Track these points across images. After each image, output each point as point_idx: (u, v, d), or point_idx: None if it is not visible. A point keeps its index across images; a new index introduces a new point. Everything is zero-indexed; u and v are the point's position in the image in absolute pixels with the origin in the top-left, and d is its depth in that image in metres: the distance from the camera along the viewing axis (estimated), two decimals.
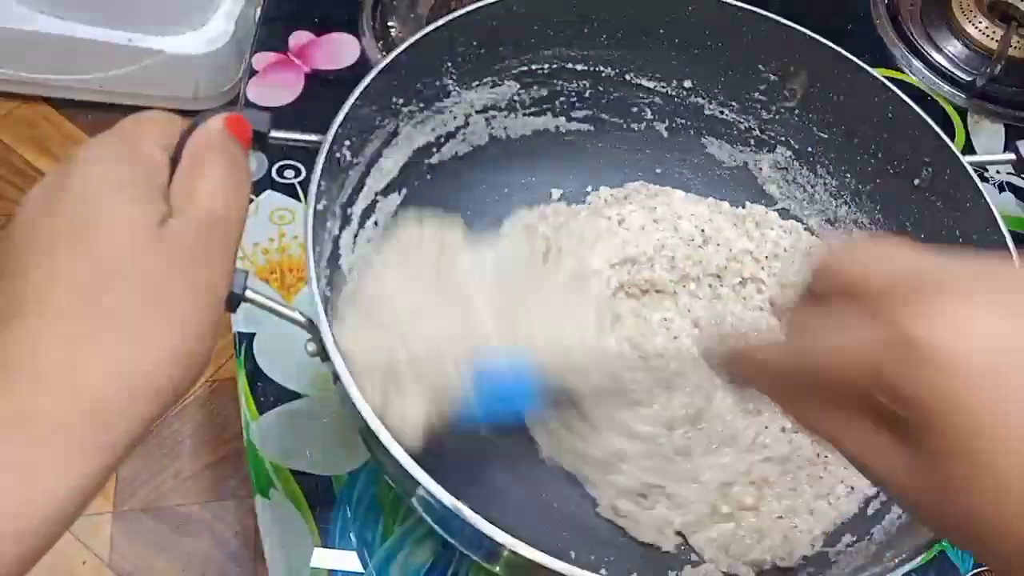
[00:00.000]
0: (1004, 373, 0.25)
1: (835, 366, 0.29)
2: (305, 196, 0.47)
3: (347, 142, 0.51)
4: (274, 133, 0.40)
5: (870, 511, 0.54)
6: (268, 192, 0.67)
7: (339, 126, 0.49)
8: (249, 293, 0.38)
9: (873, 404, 0.28)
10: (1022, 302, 0.26)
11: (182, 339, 0.32)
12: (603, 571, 0.52)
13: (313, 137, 0.48)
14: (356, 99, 0.51)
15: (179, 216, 0.33)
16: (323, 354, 0.43)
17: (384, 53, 0.68)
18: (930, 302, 0.26)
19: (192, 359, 0.32)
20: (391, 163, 0.58)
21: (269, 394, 0.59)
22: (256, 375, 0.60)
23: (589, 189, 0.67)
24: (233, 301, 0.37)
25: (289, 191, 0.67)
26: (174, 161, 0.35)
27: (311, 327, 0.43)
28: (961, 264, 0.28)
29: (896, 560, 0.42)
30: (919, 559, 0.51)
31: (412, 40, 0.54)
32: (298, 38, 0.76)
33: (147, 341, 0.31)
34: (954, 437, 0.26)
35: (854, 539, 0.52)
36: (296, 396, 0.59)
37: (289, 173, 0.68)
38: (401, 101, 0.57)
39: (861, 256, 0.30)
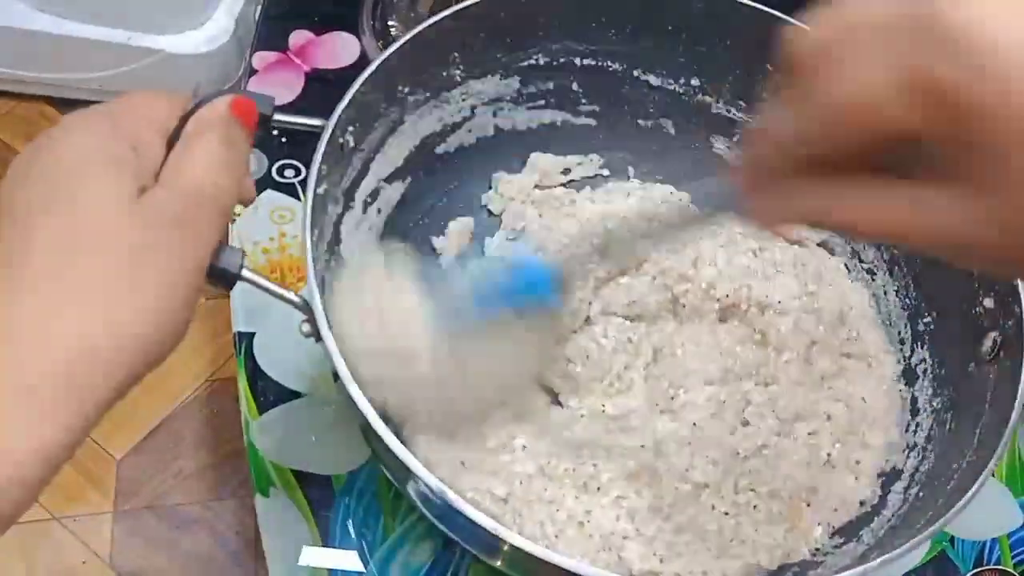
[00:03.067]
0: None
1: (855, 89, 0.24)
2: (307, 184, 0.47)
3: (351, 128, 0.51)
4: (277, 116, 0.41)
5: (860, 513, 0.54)
6: (268, 192, 0.67)
7: (343, 111, 0.49)
8: (245, 272, 0.38)
9: (899, 156, 0.24)
10: None
11: (156, 304, 0.32)
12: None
13: (316, 121, 0.48)
14: (361, 85, 0.51)
15: (162, 187, 0.34)
16: (317, 335, 0.43)
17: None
18: None
19: (165, 326, 0.32)
20: (395, 151, 0.58)
21: (269, 394, 0.59)
22: (256, 375, 0.60)
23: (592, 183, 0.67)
24: (229, 280, 0.37)
25: (289, 190, 0.67)
26: (172, 142, 0.35)
27: (306, 307, 0.43)
28: None
29: (879, 560, 0.42)
30: (917, 557, 0.51)
31: (419, 28, 0.54)
32: (298, 37, 0.76)
33: (120, 303, 0.31)
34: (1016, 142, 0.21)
35: (842, 540, 0.52)
36: (296, 396, 0.59)
37: (289, 172, 0.67)
38: (407, 90, 0.57)
39: None
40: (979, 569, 0.59)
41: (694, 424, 0.54)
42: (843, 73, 0.24)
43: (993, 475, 0.62)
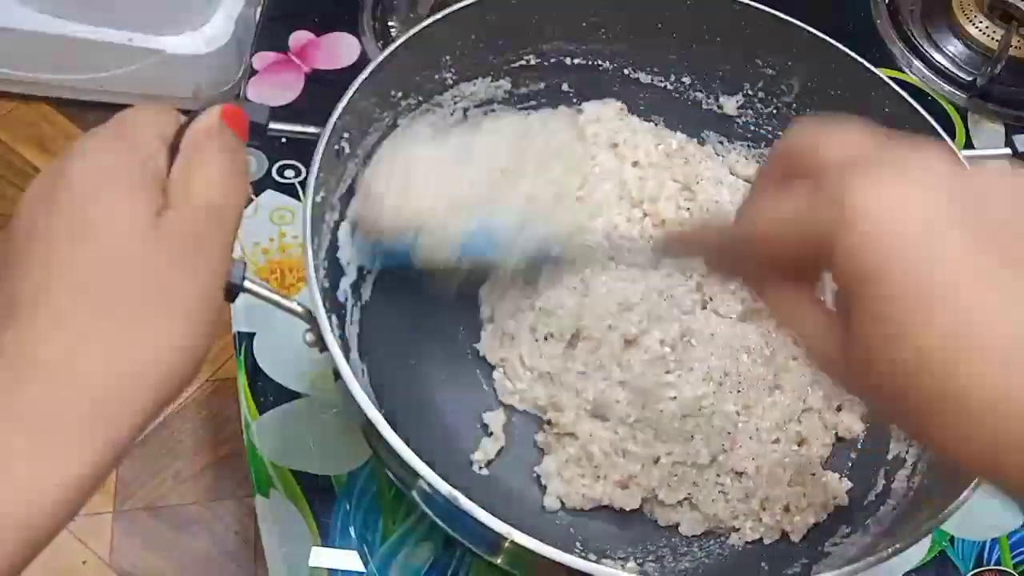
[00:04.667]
0: (923, 244, 0.26)
1: (772, 234, 0.31)
2: (305, 193, 0.47)
3: (346, 134, 0.52)
4: (273, 125, 0.41)
5: (865, 502, 0.54)
6: (268, 192, 0.67)
7: (338, 118, 0.50)
8: (248, 283, 0.38)
9: (809, 275, 0.31)
10: (944, 177, 0.27)
11: (182, 329, 0.32)
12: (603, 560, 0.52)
13: (312, 129, 0.48)
14: (355, 92, 0.51)
15: (176, 207, 0.33)
16: (321, 344, 0.43)
17: None
18: (867, 173, 0.28)
19: (192, 349, 0.33)
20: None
21: (269, 394, 0.59)
22: (256, 375, 0.60)
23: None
24: (232, 291, 0.37)
25: (289, 191, 0.67)
26: (172, 153, 0.35)
27: (309, 317, 0.43)
28: (902, 143, 0.30)
29: (890, 550, 0.42)
30: (917, 557, 0.51)
31: (411, 33, 0.54)
32: (298, 38, 0.76)
33: (147, 332, 0.31)
34: (874, 301, 0.27)
35: (848, 530, 0.53)
36: (296, 396, 0.59)
37: (289, 173, 0.67)
38: (400, 94, 0.57)
39: (812, 137, 0.32)
40: (979, 569, 0.59)
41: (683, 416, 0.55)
42: (767, 208, 0.32)
43: None
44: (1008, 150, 0.58)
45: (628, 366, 0.55)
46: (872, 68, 0.58)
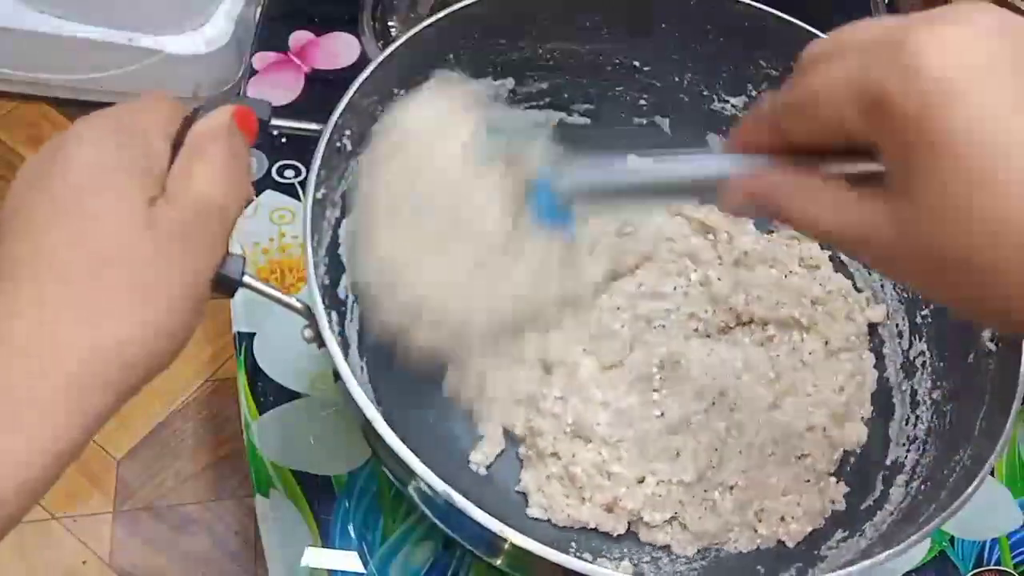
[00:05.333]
0: (989, 87, 0.24)
1: (823, 97, 0.28)
2: (306, 188, 0.47)
3: (347, 132, 0.52)
4: (275, 121, 0.41)
5: (863, 507, 0.54)
6: (268, 192, 0.67)
7: (340, 115, 0.50)
8: (247, 279, 0.38)
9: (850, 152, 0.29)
10: (1009, 22, 0.26)
11: (162, 317, 0.32)
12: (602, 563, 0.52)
13: (314, 126, 0.48)
14: (357, 89, 0.51)
15: (173, 199, 0.33)
16: (319, 340, 0.43)
17: None
18: (926, 20, 0.26)
19: (170, 336, 0.33)
20: None
21: (269, 394, 0.59)
22: (256, 375, 0.60)
23: None
24: (231, 287, 0.37)
25: (289, 191, 0.67)
26: (176, 147, 0.35)
27: (308, 313, 0.43)
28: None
29: (885, 554, 0.42)
30: (917, 557, 0.51)
31: (414, 31, 0.54)
32: (298, 38, 0.76)
33: (129, 320, 0.32)
34: (945, 158, 0.25)
35: (845, 535, 0.52)
36: (296, 396, 0.59)
37: (289, 173, 0.67)
38: (402, 92, 0.57)
39: (841, 31, 0.29)
40: (979, 569, 0.59)
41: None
42: (819, 73, 0.29)
43: (993, 475, 0.62)
44: None
45: (610, 386, 0.54)
46: None
